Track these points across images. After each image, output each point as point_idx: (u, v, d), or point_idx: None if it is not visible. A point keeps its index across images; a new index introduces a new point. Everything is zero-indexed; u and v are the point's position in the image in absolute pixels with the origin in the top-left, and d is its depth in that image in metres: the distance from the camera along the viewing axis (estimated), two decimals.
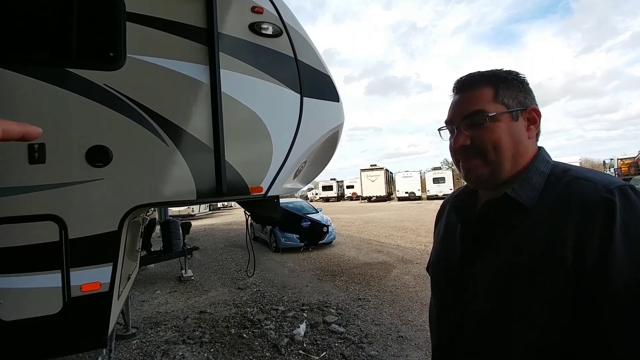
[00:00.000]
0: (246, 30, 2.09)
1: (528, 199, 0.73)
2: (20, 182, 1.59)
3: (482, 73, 0.82)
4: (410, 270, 6.58)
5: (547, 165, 0.78)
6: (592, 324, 0.62)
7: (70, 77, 1.68)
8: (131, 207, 1.75)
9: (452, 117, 0.83)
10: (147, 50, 1.82)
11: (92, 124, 1.72)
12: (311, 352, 3.56)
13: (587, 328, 0.63)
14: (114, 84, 1.74)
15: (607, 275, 0.61)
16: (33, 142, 1.59)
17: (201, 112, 1.91)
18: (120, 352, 3.69)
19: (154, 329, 4.30)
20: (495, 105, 0.77)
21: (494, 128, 0.76)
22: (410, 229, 12.43)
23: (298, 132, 2.21)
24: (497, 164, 0.77)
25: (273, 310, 4.81)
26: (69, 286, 1.67)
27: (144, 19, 1.83)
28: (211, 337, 4.02)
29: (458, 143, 0.79)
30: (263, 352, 3.60)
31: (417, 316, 4.36)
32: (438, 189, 29.97)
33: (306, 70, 2.28)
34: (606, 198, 0.64)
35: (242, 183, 2.02)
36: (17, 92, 1.63)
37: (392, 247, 9.18)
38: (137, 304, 5.30)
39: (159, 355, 3.62)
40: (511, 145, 0.77)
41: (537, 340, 0.67)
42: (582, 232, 0.64)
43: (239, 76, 2.03)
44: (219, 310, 4.93)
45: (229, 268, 7.66)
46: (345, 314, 4.56)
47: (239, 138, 2.02)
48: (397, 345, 3.62)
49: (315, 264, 7.71)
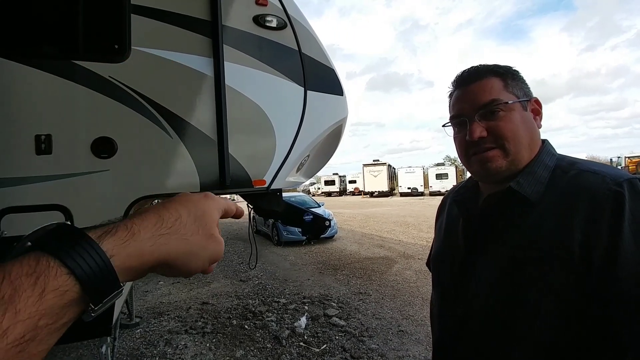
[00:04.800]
0: (250, 23, 2.08)
1: (533, 192, 0.72)
2: (28, 173, 1.61)
3: (486, 65, 0.81)
4: (411, 266, 6.60)
5: (553, 159, 0.76)
6: (601, 318, 0.61)
7: (76, 69, 1.69)
8: (136, 199, 1.77)
9: (462, 109, 0.79)
10: (152, 43, 1.82)
11: (97, 115, 1.73)
12: (312, 344, 3.60)
13: (596, 322, 0.62)
14: (119, 76, 1.75)
15: (616, 270, 0.60)
16: (40, 134, 1.61)
17: (205, 104, 1.92)
18: (124, 341, 3.75)
19: (157, 319, 4.36)
20: (508, 95, 0.76)
21: (511, 117, 0.75)
22: (412, 224, 12.43)
23: (301, 125, 2.21)
24: (515, 153, 0.74)
25: (274, 302, 4.85)
26: None
27: (149, 12, 1.83)
28: (213, 327, 4.07)
29: (476, 134, 0.75)
30: (264, 343, 3.65)
31: (418, 311, 4.39)
32: (441, 184, 29.87)
33: (310, 63, 2.27)
34: (615, 191, 0.63)
35: (245, 176, 2.03)
36: (25, 84, 1.64)
37: (393, 242, 9.20)
38: (140, 294, 5.37)
39: (162, 344, 3.67)
40: (527, 134, 0.76)
41: (545, 335, 0.66)
42: (590, 226, 0.63)
43: (243, 69, 2.03)
44: (221, 302, 4.98)
45: (231, 260, 7.72)
46: (346, 307, 4.60)
47: (242, 131, 2.02)
48: (398, 339, 3.65)
49: (317, 257, 7.75)
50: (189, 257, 0.38)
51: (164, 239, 0.36)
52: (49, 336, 0.28)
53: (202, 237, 0.39)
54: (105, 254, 0.31)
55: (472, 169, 0.82)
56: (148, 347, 3.62)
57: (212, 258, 0.41)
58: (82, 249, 0.30)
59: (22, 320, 0.26)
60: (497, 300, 0.72)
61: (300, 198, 10.99)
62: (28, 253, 0.29)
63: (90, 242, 0.31)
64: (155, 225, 0.36)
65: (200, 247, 0.39)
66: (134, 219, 0.36)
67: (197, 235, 0.39)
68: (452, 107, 0.84)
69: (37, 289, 0.27)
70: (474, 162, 0.79)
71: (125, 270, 0.33)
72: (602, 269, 0.61)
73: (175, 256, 0.37)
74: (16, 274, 0.27)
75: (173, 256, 0.37)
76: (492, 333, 0.73)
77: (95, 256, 0.30)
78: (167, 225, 0.37)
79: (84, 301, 0.30)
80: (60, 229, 0.32)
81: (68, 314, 0.29)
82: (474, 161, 0.79)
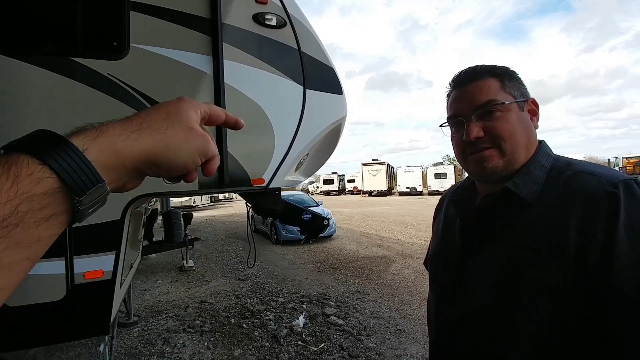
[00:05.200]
0: (250, 21, 2.07)
1: (529, 193, 0.72)
2: None
3: (483, 66, 0.81)
4: (409, 265, 6.61)
5: (549, 159, 0.77)
6: (597, 319, 0.62)
7: (74, 67, 1.69)
8: (134, 197, 1.77)
9: (459, 110, 0.80)
10: (151, 40, 1.82)
11: (95, 113, 1.72)
12: (310, 343, 3.61)
13: (592, 322, 0.62)
14: (118, 73, 1.74)
15: (611, 271, 0.60)
16: None
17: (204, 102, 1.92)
18: (122, 340, 3.75)
19: (155, 318, 4.36)
20: (505, 95, 0.76)
21: (508, 117, 0.75)
22: (411, 223, 12.45)
23: (300, 124, 2.20)
24: (512, 153, 0.75)
25: (273, 301, 4.86)
26: (72, 273, 1.70)
27: (148, 9, 1.82)
28: (211, 326, 4.07)
29: (473, 134, 0.75)
30: (262, 342, 3.65)
31: (416, 310, 4.40)
32: (439, 184, 29.92)
33: (310, 62, 2.27)
34: (610, 192, 0.63)
35: (244, 174, 2.02)
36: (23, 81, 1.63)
37: (392, 241, 9.22)
38: (138, 292, 5.36)
39: (160, 343, 3.67)
40: (524, 134, 0.76)
41: (541, 335, 0.66)
42: (585, 227, 0.63)
43: (242, 67, 2.03)
44: (219, 301, 4.98)
45: (229, 259, 7.72)
46: (344, 306, 4.61)
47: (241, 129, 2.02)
48: (395, 338, 3.66)
49: (315, 256, 7.76)
50: (171, 151, 0.37)
51: (136, 134, 0.35)
52: (35, 225, 0.29)
53: (180, 130, 0.38)
54: (75, 146, 0.31)
55: (468, 168, 0.82)
56: (146, 346, 3.62)
57: (200, 151, 0.40)
58: (51, 142, 0.31)
59: (1, 203, 0.27)
60: (494, 300, 0.73)
61: (299, 197, 10.98)
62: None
63: (58, 137, 0.31)
64: (123, 124, 0.36)
65: (181, 139, 0.38)
66: (102, 123, 0.36)
67: (172, 129, 0.38)
68: (449, 107, 0.84)
69: (11, 176, 0.28)
70: (471, 162, 0.79)
71: (103, 165, 0.33)
72: (597, 269, 0.61)
73: (155, 151, 0.36)
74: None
75: (153, 151, 0.36)
76: (488, 333, 0.73)
77: (66, 148, 0.30)
78: (137, 123, 0.36)
79: (66, 193, 0.30)
80: (28, 134, 0.32)
81: (53, 204, 0.30)
82: (470, 161, 0.79)
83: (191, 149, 0.39)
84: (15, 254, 0.28)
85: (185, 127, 0.39)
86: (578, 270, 0.63)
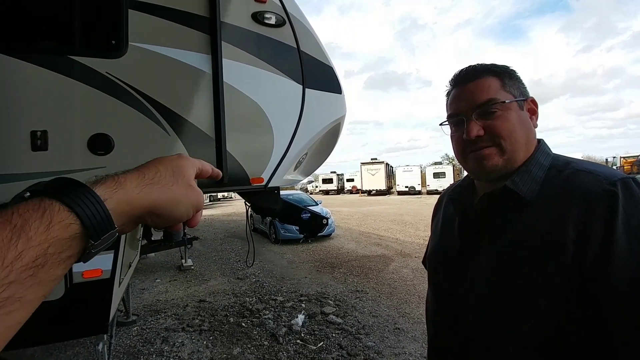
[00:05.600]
0: (249, 20, 2.07)
1: (528, 191, 0.73)
2: (23, 169, 1.60)
3: (483, 64, 0.81)
4: (408, 264, 6.63)
5: (548, 158, 0.77)
6: (593, 317, 0.62)
7: (72, 65, 1.68)
8: None
9: (459, 108, 0.80)
10: (149, 39, 1.81)
11: (94, 112, 1.71)
12: (309, 341, 3.61)
13: (589, 321, 0.62)
14: (115, 72, 1.73)
15: (608, 269, 0.60)
16: (36, 130, 1.59)
17: (203, 101, 1.91)
18: (121, 339, 3.75)
19: (154, 317, 4.35)
20: (505, 94, 0.76)
21: (508, 116, 0.75)
22: (410, 222, 12.47)
23: (300, 123, 2.20)
24: (512, 152, 0.75)
25: (272, 300, 4.86)
26: (71, 272, 1.70)
27: (147, 7, 1.81)
28: (210, 325, 4.07)
29: (473, 133, 0.75)
30: (261, 340, 3.66)
31: (415, 309, 4.41)
32: (438, 183, 29.95)
33: (309, 61, 2.27)
34: (608, 190, 0.64)
35: (243, 173, 2.02)
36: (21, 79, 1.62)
37: (391, 240, 9.23)
38: (137, 291, 5.36)
39: (159, 342, 3.67)
40: (524, 133, 0.76)
41: (538, 332, 0.66)
42: (583, 225, 0.63)
43: (241, 66, 2.02)
44: (218, 300, 4.98)
45: (228, 258, 7.72)
46: (343, 305, 4.61)
47: (240, 128, 2.02)
48: (394, 337, 3.67)
49: (314, 255, 7.76)
50: (173, 205, 0.43)
51: (148, 188, 0.41)
52: (56, 266, 0.32)
53: (182, 187, 0.44)
54: (99, 197, 0.35)
55: (468, 166, 0.82)
56: (145, 345, 3.62)
57: (195, 205, 0.46)
58: (79, 192, 0.34)
59: (34, 246, 0.30)
60: (492, 298, 0.73)
61: (298, 196, 10.98)
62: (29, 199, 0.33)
63: (85, 187, 0.35)
64: (138, 178, 0.41)
65: (181, 195, 0.44)
66: (119, 174, 0.41)
67: (176, 186, 0.44)
68: (449, 106, 0.84)
69: (45, 220, 0.31)
70: (471, 160, 0.79)
71: (118, 214, 0.37)
72: (595, 268, 0.61)
73: (161, 204, 0.42)
74: (24, 209, 0.31)
75: (158, 204, 0.41)
76: (486, 331, 0.74)
77: (91, 198, 0.35)
78: (149, 177, 0.42)
79: (84, 237, 0.34)
80: (55, 180, 0.36)
81: (72, 247, 0.33)
82: (470, 159, 0.80)
83: (188, 203, 0.45)
84: (36, 292, 0.31)
85: (186, 184, 0.45)
86: (575, 268, 0.63)
